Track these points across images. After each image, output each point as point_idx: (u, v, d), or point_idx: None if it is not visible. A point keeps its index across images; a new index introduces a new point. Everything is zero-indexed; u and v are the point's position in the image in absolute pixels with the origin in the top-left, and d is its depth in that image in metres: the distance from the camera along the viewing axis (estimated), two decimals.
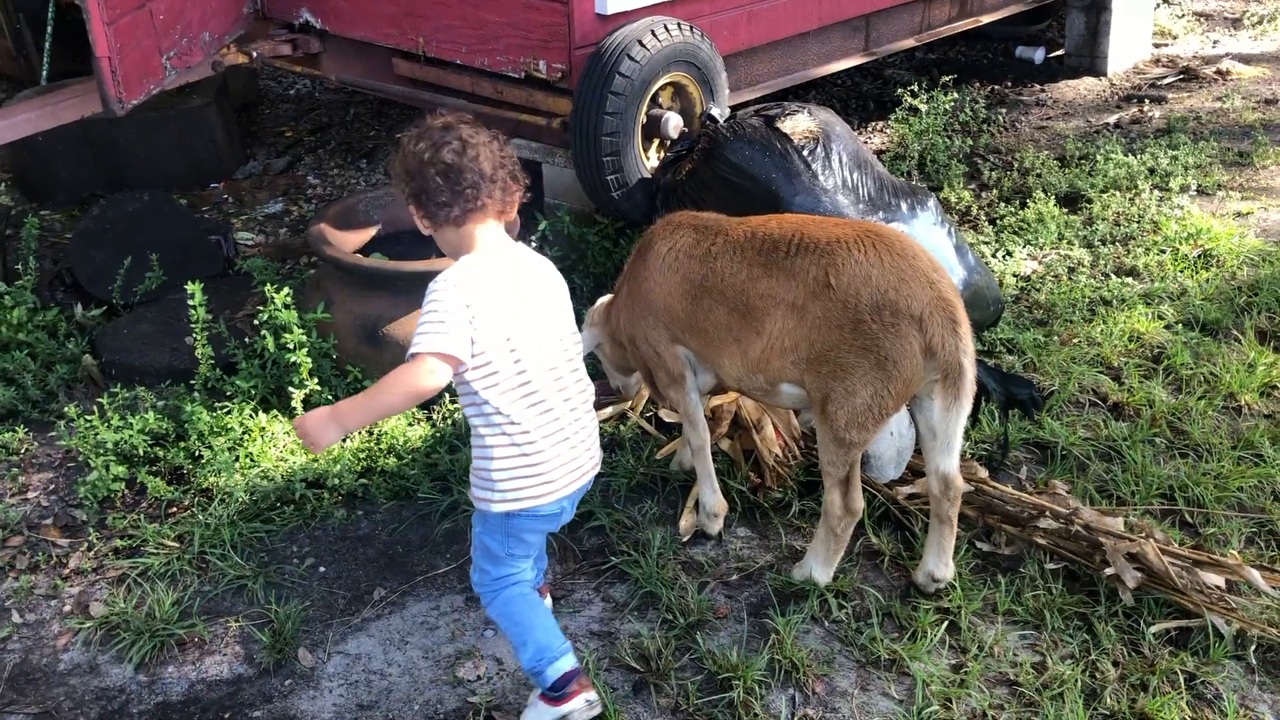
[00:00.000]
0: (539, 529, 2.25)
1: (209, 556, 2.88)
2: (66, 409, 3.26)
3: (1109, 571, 2.61)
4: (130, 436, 3.14)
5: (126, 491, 3.13)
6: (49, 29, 4.85)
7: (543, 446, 2.14)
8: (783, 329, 2.50)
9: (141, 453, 3.16)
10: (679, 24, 3.83)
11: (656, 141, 3.92)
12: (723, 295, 2.59)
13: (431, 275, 2.14)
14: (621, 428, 3.33)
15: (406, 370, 2.03)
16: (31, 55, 5.53)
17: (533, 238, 3.96)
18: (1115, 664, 2.46)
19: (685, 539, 2.90)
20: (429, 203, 2.11)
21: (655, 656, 2.51)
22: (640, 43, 3.67)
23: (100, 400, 3.37)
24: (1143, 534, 2.68)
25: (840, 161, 3.48)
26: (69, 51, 4.97)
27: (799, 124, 3.52)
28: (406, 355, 2.06)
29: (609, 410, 3.38)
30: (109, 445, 3.14)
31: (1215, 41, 7.23)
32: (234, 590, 2.79)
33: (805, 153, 3.46)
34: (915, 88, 5.56)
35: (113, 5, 3.64)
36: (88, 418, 3.21)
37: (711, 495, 2.89)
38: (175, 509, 3.06)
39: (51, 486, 3.19)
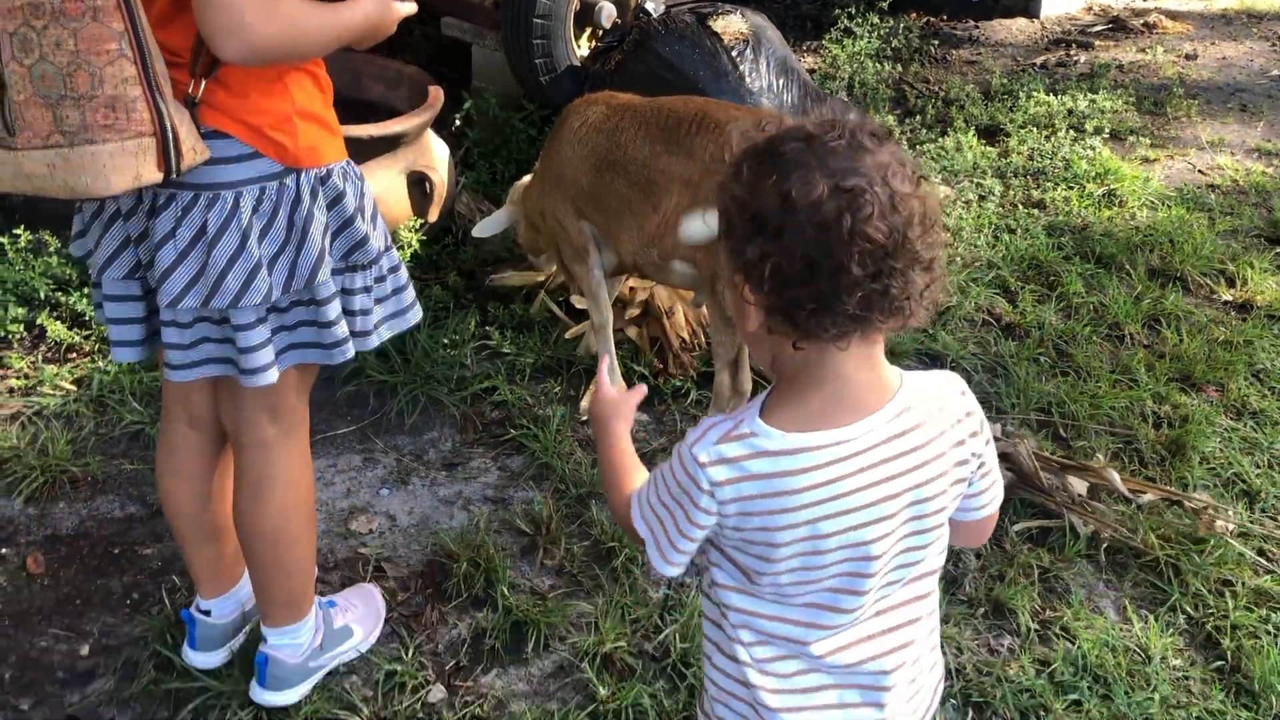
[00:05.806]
0: None
1: (107, 401, 2.87)
2: None
3: None
4: (32, 278, 3.10)
5: (25, 334, 3.10)
6: None
7: None
8: (678, 206, 2.55)
9: (43, 296, 3.12)
10: None
11: (588, 30, 3.91)
12: (625, 169, 2.63)
13: None
14: (531, 309, 3.37)
15: None
16: None
17: (457, 117, 3.95)
18: (977, 555, 2.61)
19: (584, 418, 2.98)
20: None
21: (546, 522, 2.60)
22: None
23: (2, 240, 3.30)
24: (1016, 439, 2.83)
25: (768, 65, 3.52)
26: None
27: (731, 24, 3.55)
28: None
29: (518, 279, 3.42)
30: (10, 285, 3.09)
31: None
32: (130, 435, 2.80)
33: (734, 53, 3.49)
34: (852, 10, 5.61)
35: None
36: None
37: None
38: (75, 354, 3.04)
39: None
